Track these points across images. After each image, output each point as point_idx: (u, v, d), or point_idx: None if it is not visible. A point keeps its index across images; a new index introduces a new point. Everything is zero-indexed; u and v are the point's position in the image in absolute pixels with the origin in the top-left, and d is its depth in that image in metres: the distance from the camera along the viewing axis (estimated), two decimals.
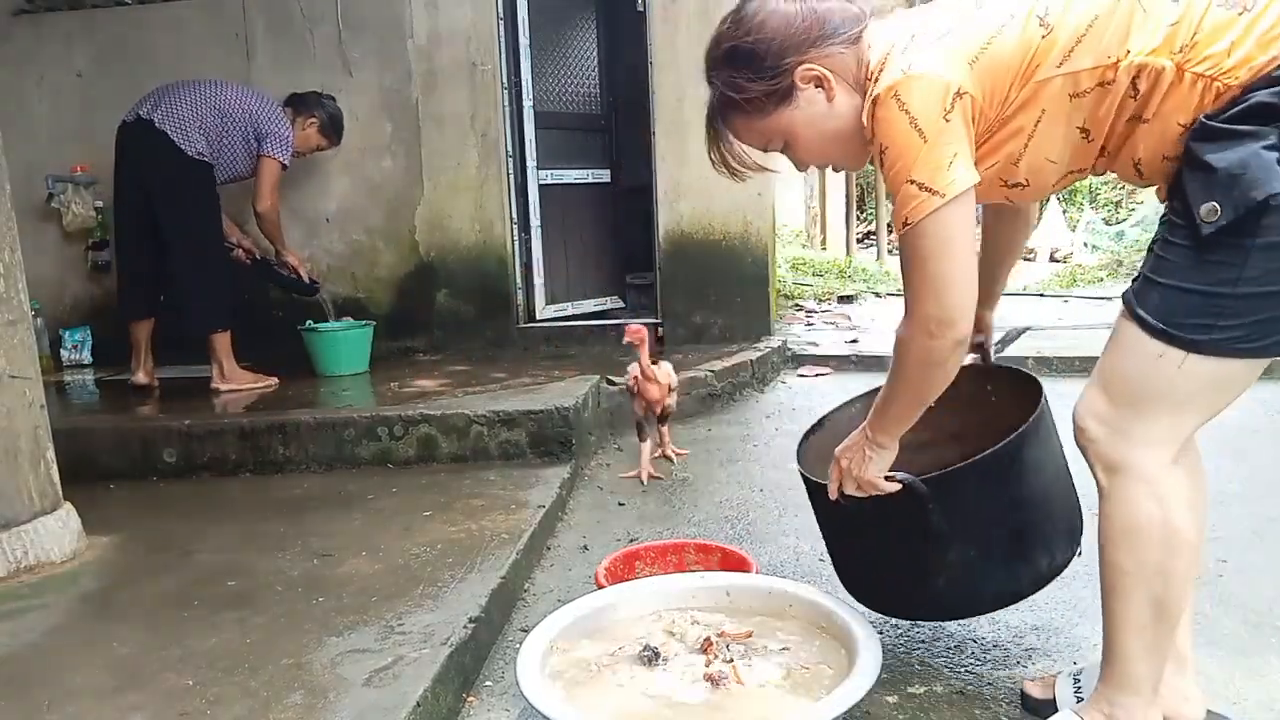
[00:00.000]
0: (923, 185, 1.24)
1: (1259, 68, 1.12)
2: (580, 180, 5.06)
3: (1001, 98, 1.26)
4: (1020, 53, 1.23)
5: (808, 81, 1.37)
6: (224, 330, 3.74)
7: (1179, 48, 1.16)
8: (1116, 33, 1.20)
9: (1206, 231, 1.13)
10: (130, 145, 3.70)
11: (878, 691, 1.63)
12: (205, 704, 1.50)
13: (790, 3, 1.37)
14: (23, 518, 2.14)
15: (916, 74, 1.23)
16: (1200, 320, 1.17)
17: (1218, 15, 1.14)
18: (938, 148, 1.23)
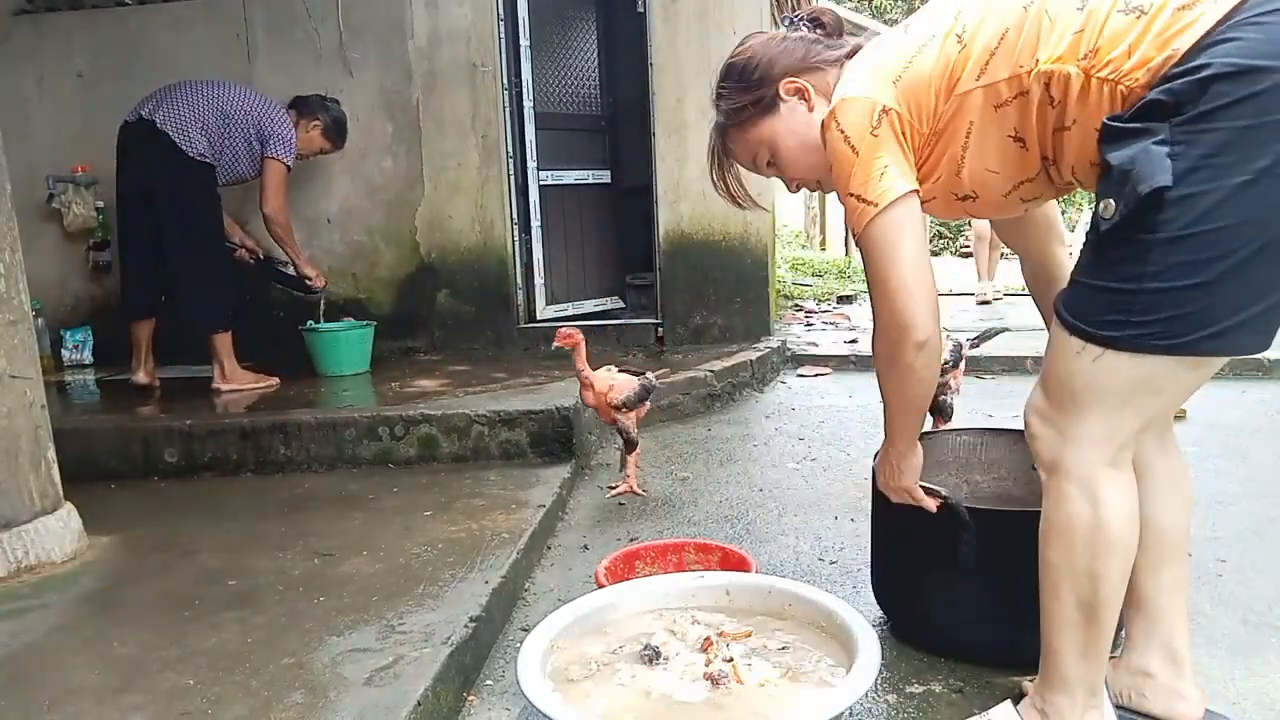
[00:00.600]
0: (860, 197, 1.34)
1: (1156, 68, 1.14)
2: (580, 181, 5.06)
3: (929, 111, 1.34)
4: (939, 68, 1.32)
5: (790, 93, 1.52)
6: (225, 330, 3.74)
7: (1083, 54, 1.20)
8: (1027, 44, 1.25)
9: (1104, 228, 1.16)
10: (131, 145, 3.70)
11: (877, 691, 1.64)
12: (206, 704, 1.50)
13: (785, 37, 1.57)
14: (23, 518, 2.14)
15: (848, 96, 1.35)
16: (1112, 316, 1.18)
17: (1117, 21, 1.17)
18: (869, 161, 1.33)
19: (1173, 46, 1.13)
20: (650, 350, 4.61)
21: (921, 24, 1.38)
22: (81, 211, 4.65)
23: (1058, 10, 1.23)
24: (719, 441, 3.43)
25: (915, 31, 1.37)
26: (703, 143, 1.78)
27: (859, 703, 1.49)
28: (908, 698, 1.62)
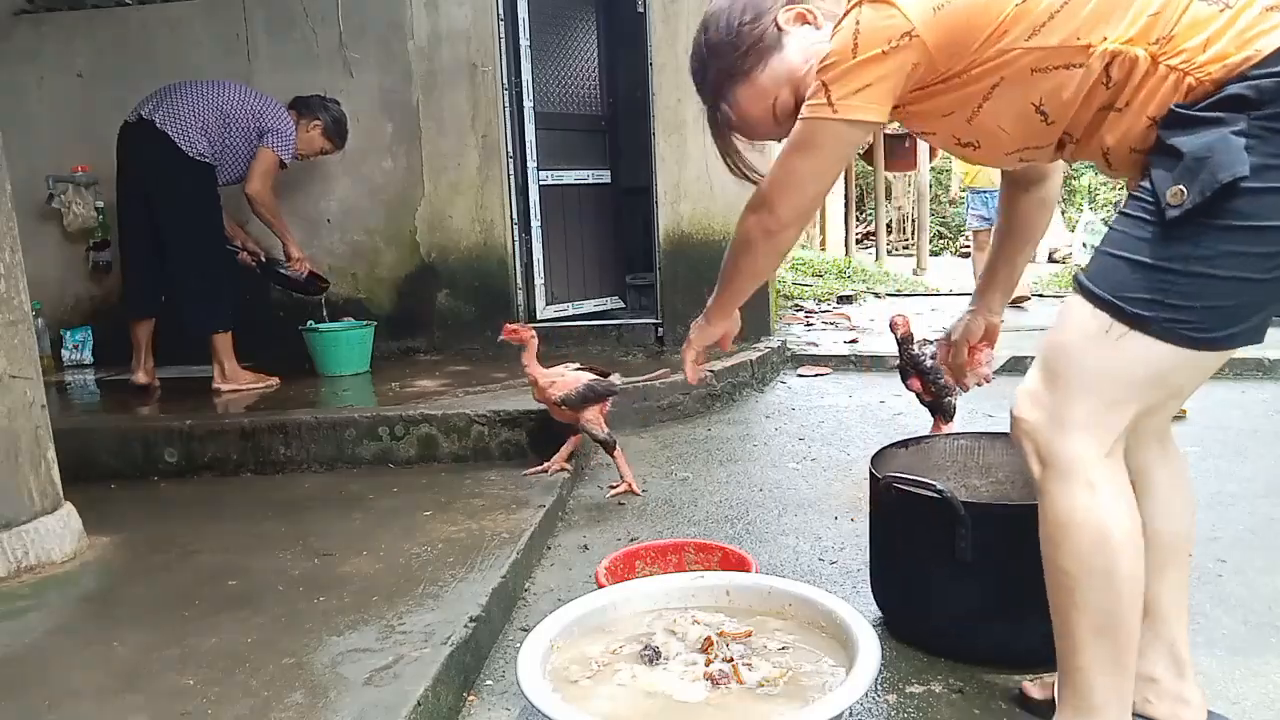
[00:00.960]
0: (827, 88, 1.26)
1: (1233, 65, 1.10)
2: (580, 181, 5.06)
3: (958, 52, 1.23)
4: (989, 14, 1.21)
5: (790, 22, 1.43)
6: (225, 331, 3.74)
7: (1155, 39, 1.14)
8: (1094, 15, 1.17)
9: (1172, 215, 1.11)
10: (131, 146, 3.70)
11: (877, 691, 1.63)
12: (206, 704, 1.50)
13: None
14: (23, 518, 2.14)
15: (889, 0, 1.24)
16: (1148, 295, 1.14)
17: (1198, 10, 1.13)
18: (861, 70, 1.24)
19: (1255, 46, 1.09)
20: (650, 350, 4.61)
21: None
22: (81, 211, 4.65)
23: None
24: (719, 441, 3.43)
25: None
26: (703, 143, 1.78)
27: (859, 703, 1.49)
28: (908, 698, 1.62)
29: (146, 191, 3.67)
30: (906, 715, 1.58)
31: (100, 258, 4.80)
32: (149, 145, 3.63)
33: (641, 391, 3.73)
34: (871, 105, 1.26)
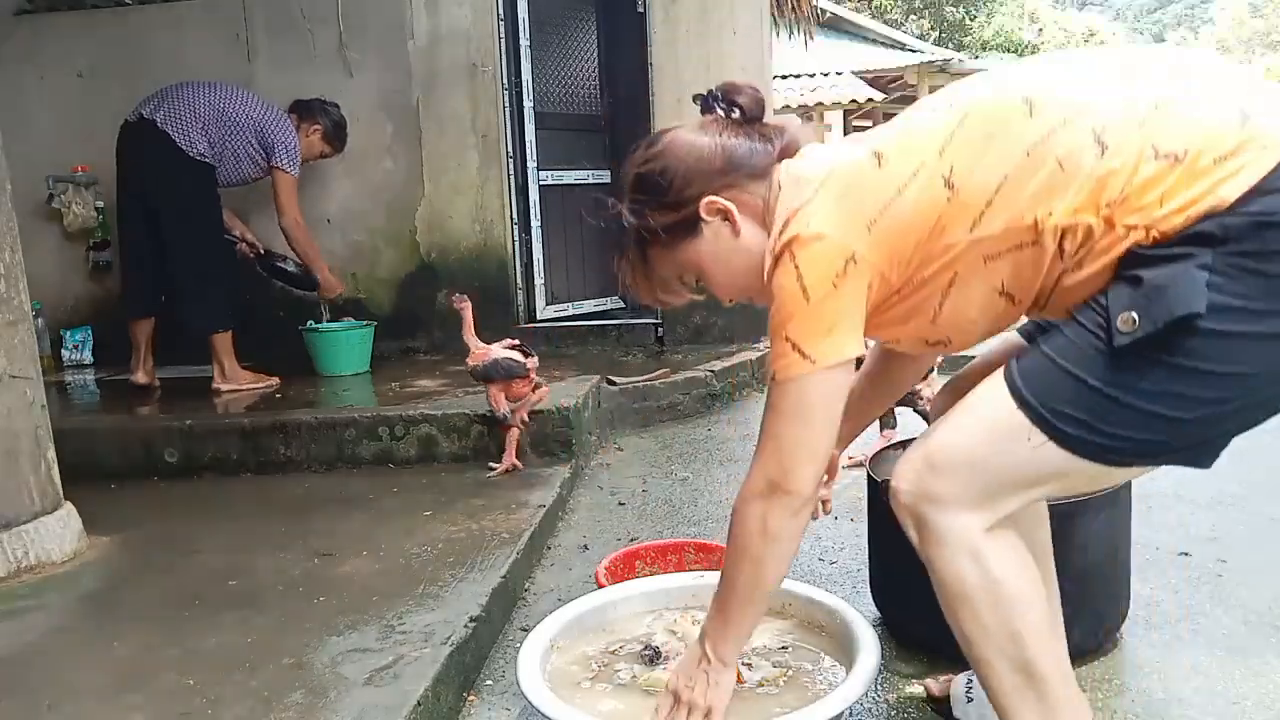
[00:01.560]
0: (796, 345, 1.17)
1: (1195, 215, 1.04)
2: (580, 181, 5.06)
3: (904, 259, 1.18)
4: (924, 215, 1.15)
5: (712, 214, 1.32)
6: (225, 330, 3.74)
7: (1106, 203, 1.07)
8: (1034, 194, 1.10)
9: (1120, 342, 1.05)
10: (132, 145, 3.70)
11: (877, 691, 1.63)
12: (206, 704, 1.50)
13: (700, 135, 1.35)
14: (23, 518, 2.14)
15: (812, 234, 1.17)
16: (1080, 416, 1.09)
17: (1148, 170, 1.05)
18: (819, 312, 1.16)
19: (1219, 194, 1.03)
20: (650, 350, 4.61)
21: (897, 158, 1.18)
22: (81, 211, 4.65)
23: (1071, 157, 1.08)
24: (719, 441, 3.43)
25: (893, 167, 1.18)
26: None
27: (859, 703, 1.49)
28: (908, 698, 1.62)
29: (146, 191, 3.67)
30: (906, 716, 1.58)
31: (100, 258, 4.80)
32: (149, 144, 3.63)
33: (641, 391, 3.73)
34: (848, 341, 1.18)
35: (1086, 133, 1.09)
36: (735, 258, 1.33)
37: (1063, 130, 1.10)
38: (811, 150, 1.33)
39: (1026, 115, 1.12)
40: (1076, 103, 1.11)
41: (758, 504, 1.23)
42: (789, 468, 1.21)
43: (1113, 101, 1.10)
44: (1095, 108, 1.10)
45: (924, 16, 22.53)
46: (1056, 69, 1.21)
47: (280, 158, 3.78)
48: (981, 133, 1.14)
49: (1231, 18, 28.44)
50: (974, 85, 1.22)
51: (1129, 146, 1.06)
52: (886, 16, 20.21)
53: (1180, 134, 1.06)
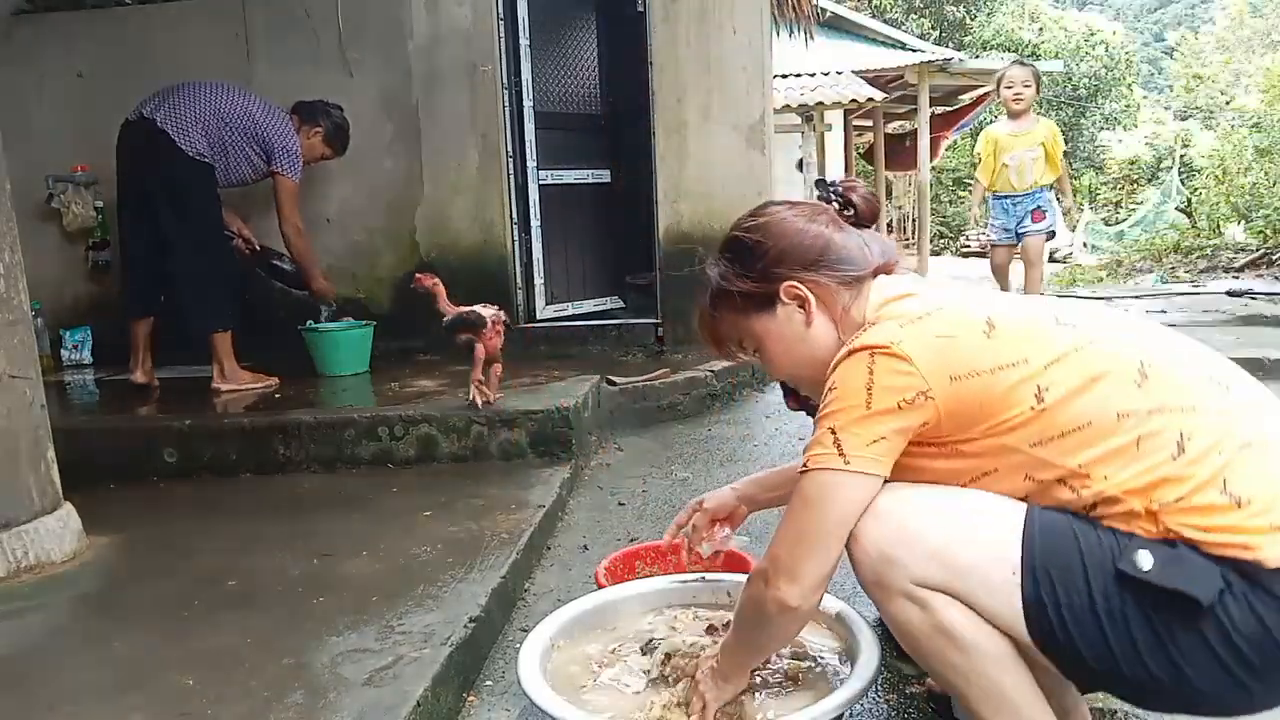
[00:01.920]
0: (838, 440, 1.18)
1: (1233, 555, 1.06)
2: (580, 180, 5.06)
3: (964, 426, 1.18)
4: (1003, 406, 1.16)
5: (791, 298, 1.34)
6: (225, 330, 3.74)
7: (1158, 501, 1.10)
8: (1103, 452, 1.12)
9: (1123, 567, 1.08)
10: (131, 144, 3.70)
11: (878, 691, 1.63)
12: (205, 704, 1.50)
13: (808, 221, 1.37)
14: (23, 518, 2.14)
15: (903, 354, 1.17)
16: (1061, 595, 1.11)
17: (1210, 498, 1.08)
18: (872, 423, 1.17)
19: (1261, 553, 1.05)
20: (650, 350, 4.61)
21: (1007, 340, 1.18)
22: (81, 211, 4.65)
23: (1151, 444, 1.11)
24: (719, 441, 3.43)
25: (999, 345, 1.17)
26: (703, 142, 1.72)
27: (860, 703, 1.49)
28: (908, 698, 1.62)
29: (146, 189, 3.67)
30: (907, 715, 1.58)
31: (100, 257, 4.80)
32: (148, 143, 3.63)
33: (641, 391, 3.73)
34: (882, 460, 1.19)
35: (1175, 431, 1.11)
36: (798, 346, 1.36)
37: (1158, 416, 1.12)
38: (914, 280, 1.35)
39: (1136, 384, 1.14)
40: (1180, 397, 1.13)
41: (759, 583, 1.26)
42: (795, 556, 1.22)
43: (1209, 415, 1.12)
44: (1193, 412, 1.12)
45: (924, 16, 22.50)
46: (1181, 351, 1.21)
47: (280, 162, 3.78)
48: (1090, 373, 1.15)
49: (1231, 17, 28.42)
50: (1103, 320, 1.23)
51: (1204, 468, 1.09)
52: (886, 16, 20.19)
53: (1254, 482, 1.08)
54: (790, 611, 1.24)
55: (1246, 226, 11.55)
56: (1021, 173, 5.04)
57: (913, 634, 1.20)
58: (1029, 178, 5.04)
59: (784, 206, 1.41)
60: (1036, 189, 5.07)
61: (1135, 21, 45.98)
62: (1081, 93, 22.92)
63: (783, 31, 7.00)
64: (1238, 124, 14.32)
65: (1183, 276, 9.49)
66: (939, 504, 1.20)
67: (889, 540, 1.18)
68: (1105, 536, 1.13)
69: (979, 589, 1.15)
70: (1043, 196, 5.11)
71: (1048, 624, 1.12)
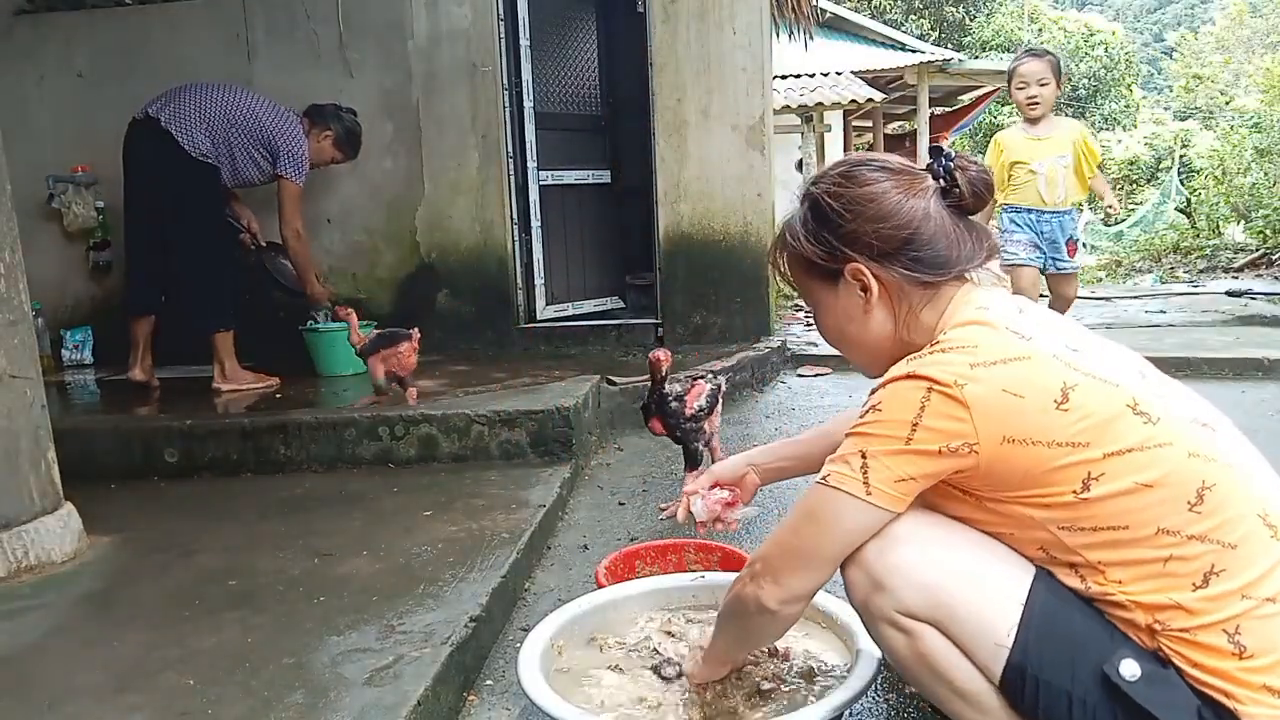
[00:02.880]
0: (867, 466, 1.12)
1: (1220, 693, 1.05)
2: (580, 181, 5.06)
3: (995, 486, 1.14)
4: (1044, 482, 1.10)
5: (854, 279, 1.25)
6: (226, 330, 3.75)
7: (1161, 622, 1.08)
8: (1127, 558, 1.09)
9: (1108, 672, 1.08)
10: (136, 143, 3.71)
11: (878, 691, 1.63)
12: (206, 704, 1.50)
13: (903, 196, 1.23)
14: (23, 517, 2.14)
15: (963, 399, 1.09)
16: (1031, 676, 1.11)
17: (1217, 639, 1.05)
18: (910, 459, 1.11)
19: (1247, 711, 1.04)
20: (650, 350, 4.61)
21: (1076, 417, 1.09)
22: (81, 211, 4.65)
23: (1176, 569, 1.07)
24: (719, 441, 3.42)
25: (1065, 421, 1.09)
26: (703, 143, 1.69)
27: (860, 703, 1.49)
28: (908, 698, 1.62)
29: (149, 189, 3.67)
30: (907, 715, 1.58)
31: (100, 258, 4.80)
32: (152, 143, 3.63)
33: (641, 391, 3.73)
34: (905, 499, 1.14)
35: (1207, 563, 1.07)
36: (849, 325, 1.30)
37: (1198, 544, 1.07)
38: (1008, 304, 1.24)
39: (1189, 504, 1.08)
40: (1227, 532, 1.08)
41: (746, 582, 1.26)
42: (785, 562, 1.21)
43: (1247, 558, 1.07)
44: (1232, 551, 1.07)
45: (924, 16, 22.51)
46: (1241, 474, 1.13)
47: (285, 165, 3.77)
48: (1148, 479, 1.08)
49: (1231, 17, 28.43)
50: (1185, 416, 1.14)
51: (1221, 609, 1.06)
52: (886, 16, 20.20)
53: (1264, 639, 1.05)
54: (768, 613, 1.23)
55: (1246, 227, 11.55)
56: (1053, 183, 3.94)
57: (898, 658, 1.21)
58: (1060, 190, 3.95)
59: (882, 172, 1.26)
60: (1069, 207, 4.05)
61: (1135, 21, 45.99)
62: (1081, 93, 22.92)
63: (782, 32, 6.99)
64: (1237, 124, 14.32)
65: (1182, 276, 9.49)
66: (949, 543, 1.17)
67: (887, 567, 1.16)
68: (1103, 630, 1.11)
69: (967, 638, 1.14)
70: (1074, 221, 4.13)
71: (1020, 688, 1.12)
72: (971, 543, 1.18)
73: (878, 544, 1.17)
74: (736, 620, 1.32)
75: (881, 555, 1.17)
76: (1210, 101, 22.65)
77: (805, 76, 12.43)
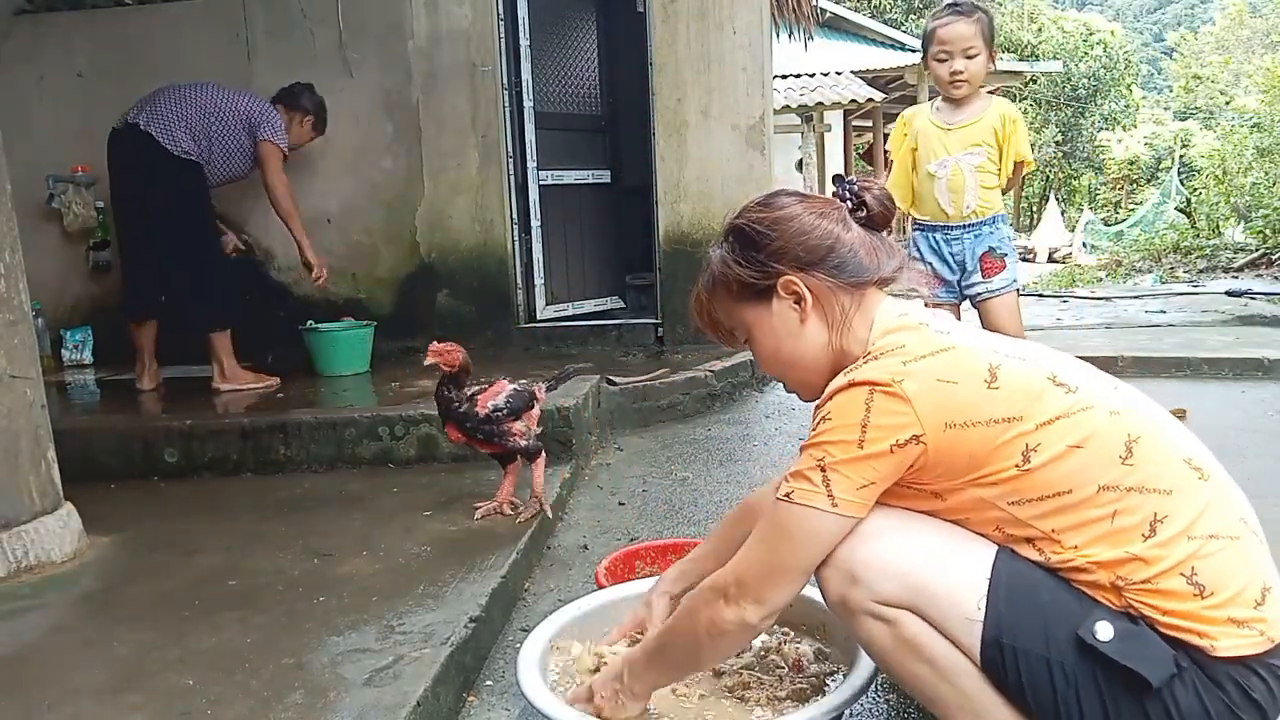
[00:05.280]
0: (827, 477, 1.16)
1: (1187, 639, 1.08)
2: (580, 181, 5.06)
3: (944, 474, 1.18)
4: (988, 461, 1.15)
5: (788, 293, 1.31)
6: (224, 329, 3.75)
7: (1123, 578, 1.11)
8: (1078, 521, 1.13)
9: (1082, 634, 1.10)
10: (119, 150, 3.72)
11: (878, 690, 1.63)
12: (205, 704, 1.50)
13: (818, 217, 1.32)
14: (23, 518, 2.14)
15: (900, 391, 1.15)
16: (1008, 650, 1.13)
17: (1174, 585, 1.09)
18: (866, 465, 1.16)
19: (1213, 642, 1.07)
20: (650, 350, 4.61)
21: (1006, 393, 1.16)
22: (81, 211, 4.65)
23: (1124, 521, 1.12)
24: (719, 441, 3.43)
25: (998, 399, 1.16)
26: (702, 143, 1.71)
27: (859, 702, 1.49)
28: (908, 698, 1.62)
29: (137, 194, 3.68)
30: (907, 715, 1.58)
31: (100, 258, 4.80)
32: (134, 148, 3.65)
33: (641, 391, 3.73)
34: (868, 504, 1.18)
35: (1150, 512, 1.12)
36: (788, 342, 1.34)
37: (1137, 495, 1.12)
38: (924, 310, 1.31)
39: (1120, 458, 1.14)
40: (1161, 479, 1.13)
41: (717, 603, 1.25)
42: (762, 581, 1.22)
43: (1185, 501, 1.12)
44: (1169, 495, 1.12)
45: (924, 16, 22.52)
46: (1168, 431, 1.19)
47: (265, 131, 3.80)
48: (1078, 440, 1.14)
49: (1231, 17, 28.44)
50: (1100, 387, 1.21)
51: (1172, 552, 1.10)
52: (886, 16, 20.20)
53: (1218, 574, 1.09)
54: (749, 629, 1.25)
55: (1246, 227, 11.56)
56: (955, 189, 2.90)
57: (879, 649, 1.22)
58: (968, 199, 2.90)
59: (794, 199, 1.36)
60: (982, 217, 2.92)
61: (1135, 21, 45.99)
62: (1080, 93, 22.92)
63: (782, 32, 7.00)
64: (1238, 124, 14.32)
65: (1182, 276, 9.49)
66: (912, 531, 1.20)
67: (858, 562, 1.19)
68: (1070, 597, 1.14)
69: (942, 617, 1.16)
70: (996, 229, 2.94)
71: (1000, 662, 1.14)
72: (933, 529, 1.21)
73: (847, 543, 1.20)
74: (707, 644, 1.29)
75: (853, 552, 1.20)
76: (1210, 101, 22.66)
77: (805, 76, 12.44)
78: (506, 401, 2.30)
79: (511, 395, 2.32)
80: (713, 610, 1.26)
